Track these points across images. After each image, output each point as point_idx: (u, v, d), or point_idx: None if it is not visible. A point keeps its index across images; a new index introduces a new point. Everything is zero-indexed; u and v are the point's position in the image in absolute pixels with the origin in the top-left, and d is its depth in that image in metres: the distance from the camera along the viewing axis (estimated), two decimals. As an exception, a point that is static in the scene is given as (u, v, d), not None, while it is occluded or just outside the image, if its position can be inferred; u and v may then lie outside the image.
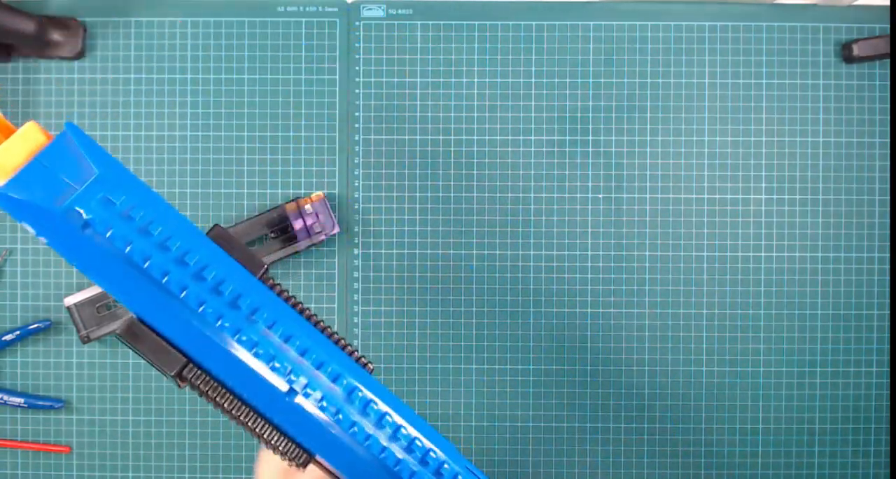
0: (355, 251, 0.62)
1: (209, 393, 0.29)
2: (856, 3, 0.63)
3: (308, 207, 0.60)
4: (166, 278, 0.27)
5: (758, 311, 0.62)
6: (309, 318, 0.31)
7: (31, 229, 0.27)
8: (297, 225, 0.60)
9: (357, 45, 0.63)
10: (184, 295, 0.27)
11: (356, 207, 0.62)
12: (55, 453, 0.61)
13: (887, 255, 0.62)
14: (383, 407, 0.30)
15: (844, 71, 0.63)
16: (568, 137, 0.63)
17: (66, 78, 0.62)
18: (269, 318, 0.29)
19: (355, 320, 0.62)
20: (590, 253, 0.62)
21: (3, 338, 0.60)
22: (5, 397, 0.60)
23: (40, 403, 0.61)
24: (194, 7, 0.63)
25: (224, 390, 0.29)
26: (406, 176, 0.63)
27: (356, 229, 0.62)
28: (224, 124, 0.63)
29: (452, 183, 0.63)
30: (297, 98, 0.63)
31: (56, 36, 0.61)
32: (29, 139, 0.25)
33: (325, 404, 0.29)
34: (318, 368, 0.29)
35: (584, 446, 0.62)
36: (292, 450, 0.30)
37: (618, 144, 0.63)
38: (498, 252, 0.62)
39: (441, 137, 0.63)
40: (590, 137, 0.63)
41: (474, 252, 0.62)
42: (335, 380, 0.29)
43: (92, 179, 0.26)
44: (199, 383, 0.29)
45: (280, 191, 0.62)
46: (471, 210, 0.62)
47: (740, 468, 0.62)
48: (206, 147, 0.62)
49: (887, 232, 0.62)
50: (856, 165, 0.63)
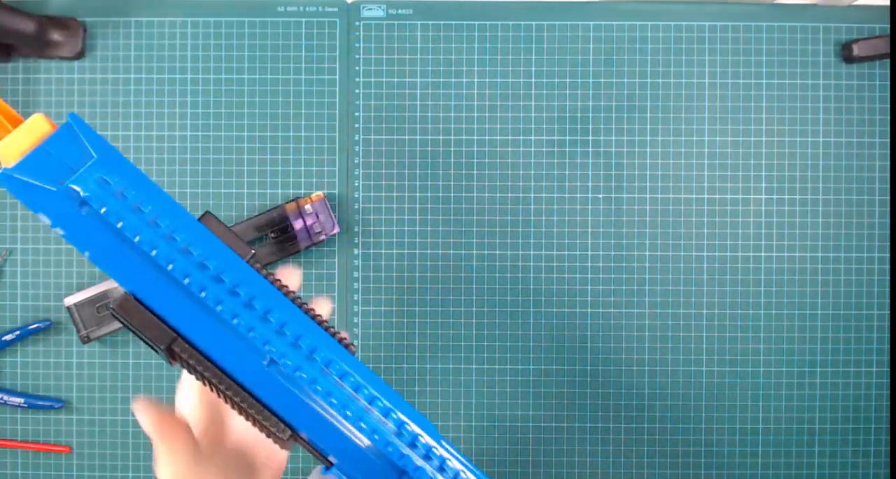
0: (355, 251, 0.62)
1: (196, 368, 0.31)
2: (856, 3, 0.63)
3: (308, 207, 0.60)
4: (155, 252, 0.29)
5: (758, 311, 0.62)
6: (293, 300, 0.32)
7: (38, 215, 0.29)
8: (297, 225, 0.60)
9: (357, 45, 0.63)
10: (171, 268, 0.29)
11: (356, 207, 0.62)
12: (55, 453, 0.61)
13: (887, 255, 0.62)
14: (359, 379, 0.32)
15: (844, 71, 0.63)
16: (568, 137, 0.63)
17: (66, 78, 0.62)
18: (250, 293, 0.30)
19: (355, 321, 0.62)
20: (590, 253, 0.62)
21: (3, 338, 0.60)
22: (5, 398, 0.60)
23: (40, 403, 0.61)
24: (194, 7, 0.63)
25: (210, 365, 0.31)
26: (406, 176, 0.63)
27: (356, 229, 0.62)
28: (224, 124, 0.63)
29: (452, 183, 0.63)
30: (297, 98, 0.63)
31: (56, 36, 0.61)
32: (36, 129, 0.27)
33: (302, 374, 0.31)
34: (296, 340, 0.31)
35: (584, 446, 0.62)
36: (275, 425, 0.31)
37: (618, 144, 0.63)
38: (498, 252, 0.62)
39: (441, 137, 0.63)
40: (590, 137, 0.63)
41: (474, 252, 0.62)
42: (312, 352, 0.31)
43: (90, 163, 0.28)
44: (186, 357, 0.30)
45: (280, 191, 0.62)
46: (471, 210, 0.62)
47: (740, 468, 0.62)
48: (206, 147, 0.62)
49: (887, 232, 0.62)
50: (856, 165, 0.63)
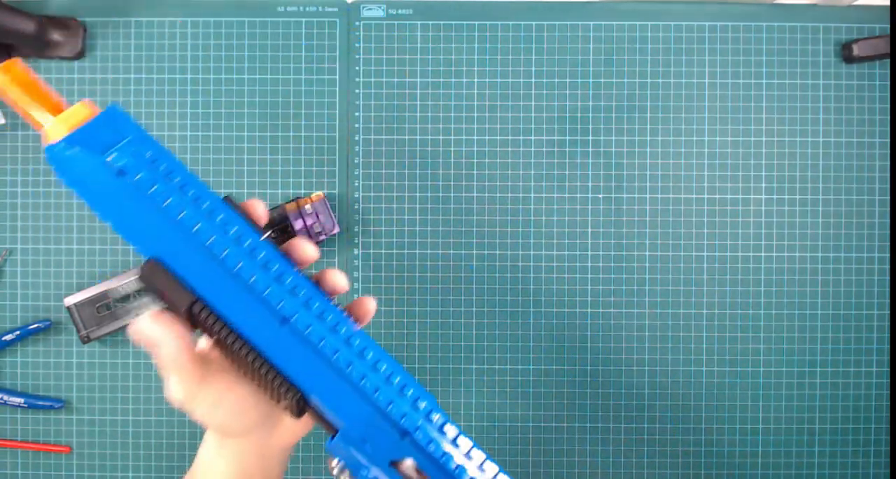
0: (355, 251, 0.62)
1: (214, 329, 0.33)
2: (856, 3, 0.63)
3: (308, 207, 0.60)
4: (184, 214, 0.31)
5: (758, 311, 0.62)
6: (304, 274, 0.35)
7: (72, 189, 0.32)
8: (297, 225, 0.60)
9: (357, 45, 0.63)
10: (196, 228, 0.32)
11: (356, 207, 0.62)
12: (55, 453, 0.61)
13: (887, 255, 0.62)
14: (365, 343, 0.34)
15: (844, 71, 0.63)
16: (568, 137, 0.63)
17: (66, 78, 0.62)
18: (266, 257, 0.33)
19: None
20: (590, 253, 0.62)
21: (3, 338, 0.60)
22: (5, 398, 0.60)
23: (40, 403, 0.61)
24: (194, 7, 0.63)
25: (225, 326, 0.33)
26: (406, 176, 0.63)
27: (356, 229, 0.62)
28: (224, 124, 0.63)
29: (452, 183, 0.63)
30: (297, 98, 0.63)
31: (56, 36, 0.61)
32: (81, 112, 0.31)
33: (312, 331, 0.33)
34: (307, 301, 0.33)
35: (584, 446, 0.62)
36: (285, 386, 0.33)
37: (618, 144, 0.63)
38: (498, 252, 0.62)
39: (441, 137, 0.63)
40: (590, 137, 0.63)
41: (474, 252, 0.62)
42: (322, 313, 0.33)
43: (127, 140, 0.31)
44: (205, 317, 0.32)
45: (280, 191, 0.62)
46: (471, 210, 0.62)
47: (740, 468, 0.62)
48: (206, 147, 0.62)
49: (887, 232, 0.62)
50: (856, 165, 0.63)
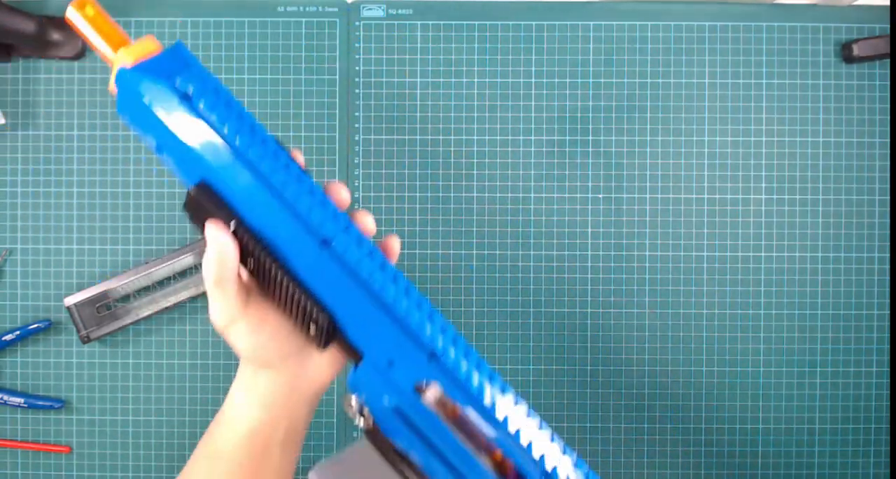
0: (355, 251, 0.62)
1: (254, 251, 0.34)
2: (856, 3, 0.63)
3: (308, 206, 0.60)
4: (238, 140, 0.33)
5: (758, 311, 0.62)
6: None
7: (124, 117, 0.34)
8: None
9: (357, 45, 0.63)
10: (249, 152, 0.33)
11: (356, 206, 0.62)
12: (55, 453, 0.61)
13: (887, 255, 0.62)
14: (395, 272, 0.36)
15: (844, 71, 0.63)
16: (568, 137, 0.63)
17: (66, 78, 0.62)
18: (310, 184, 0.34)
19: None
20: (590, 253, 0.62)
21: (3, 338, 0.60)
22: (5, 398, 0.60)
23: (40, 403, 0.61)
24: (194, 7, 0.63)
25: (266, 250, 0.34)
26: (406, 176, 0.63)
27: (356, 229, 0.62)
28: (224, 124, 0.62)
29: (452, 183, 0.63)
30: (297, 98, 0.63)
31: (56, 36, 0.61)
32: (149, 45, 0.35)
33: (350, 254, 0.34)
34: (347, 227, 0.35)
35: (584, 446, 0.62)
36: (318, 311, 0.35)
37: (618, 144, 0.63)
38: (498, 252, 0.62)
39: (441, 137, 0.63)
40: (590, 137, 0.63)
41: (474, 252, 0.62)
42: (360, 239, 0.35)
43: (191, 71, 0.34)
44: (248, 240, 0.34)
45: (280, 191, 0.62)
46: (471, 210, 0.62)
47: (740, 468, 0.62)
48: (206, 147, 0.62)
49: (887, 232, 0.62)
50: (856, 165, 0.63)
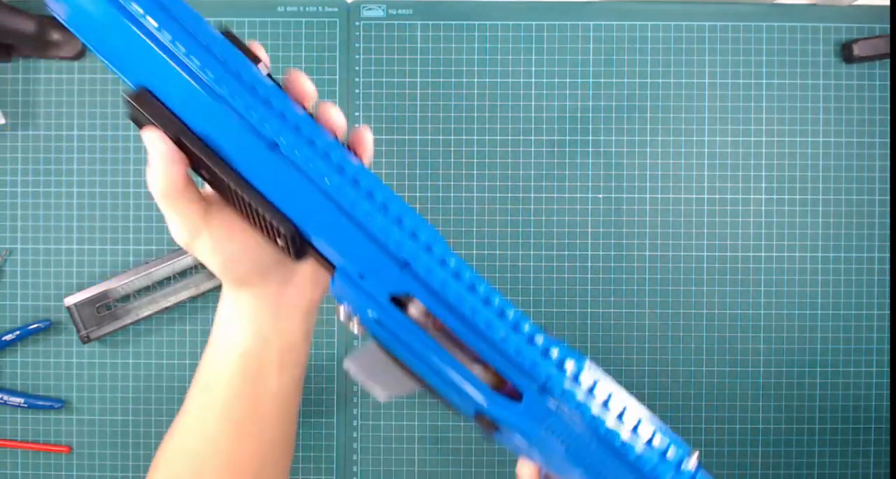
0: (355, 251, 0.62)
1: (203, 160, 0.32)
2: (856, 3, 0.63)
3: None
4: (183, 49, 0.31)
5: (758, 311, 0.62)
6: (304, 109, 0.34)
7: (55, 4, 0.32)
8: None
9: (357, 45, 0.63)
10: (194, 63, 0.31)
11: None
12: (55, 453, 0.61)
13: (887, 255, 0.62)
14: (357, 172, 0.32)
15: (844, 71, 0.63)
16: (568, 137, 0.63)
17: (66, 78, 0.62)
18: (253, 80, 0.32)
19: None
20: (590, 253, 0.62)
21: (3, 338, 0.60)
22: (5, 398, 0.60)
23: (40, 403, 0.61)
24: (197, 7, 0.63)
25: (216, 158, 0.32)
26: (406, 176, 0.63)
27: (356, 229, 0.62)
28: (224, 124, 0.62)
29: (452, 183, 0.63)
30: (297, 98, 0.63)
31: (56, 36, 0.61)
32: None
33: (299, 155, 0.32)
34: (297, 126, 0.32)
35: (584, 446, 0.62)
36: (280, 221, 0.32)
37: (618, 144, 0.63)
38: (498, 252, 0.62)
39: (441, 137, 0.63)
40: (590, 137, 0.63)
41: (474, 252, 0.62)
42: (312, 139, 0.32)
43: None
44: (194, 147, 0.32)
45: (280, 191, 0.62)
46: (471, 210, 0.62)
47: (740, 468, 0.62)
48: (206, 147, 0.62)
49: (887, 232, 0.62)
50: (856, 165, 0.63)
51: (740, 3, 0.63)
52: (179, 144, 0.32)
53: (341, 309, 0.35)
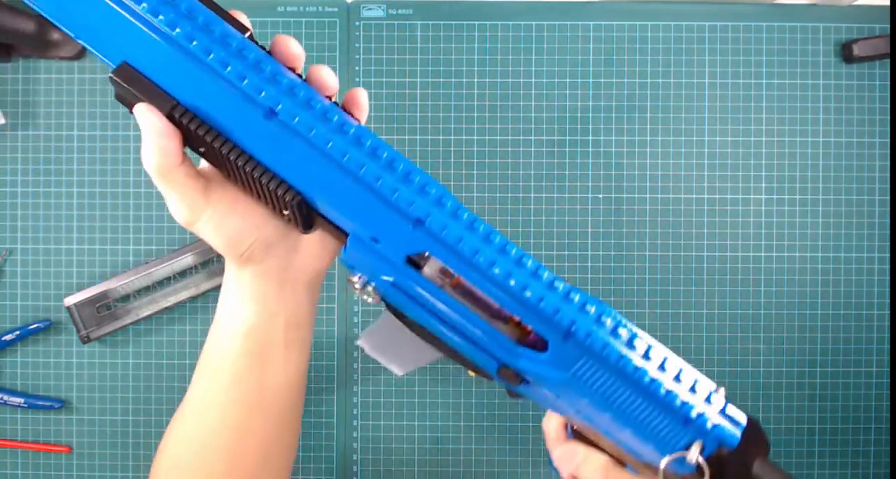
0: (355, 251, 0.62)
1: (199, 134, 0.31)
2: (856, 3, 0.63)
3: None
4: (160, 17, 0.30)
5: (758, 311, 0.62)
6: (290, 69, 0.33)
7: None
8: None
9: (357, 45, 0.63)
10: (177, 32, 0.30)
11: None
12: (55, 453, 0.61)
13: (887, 255, 0.62)
14: (359, 131, 0.31)
15: (844, 71, 0.63)
16: (568, 137, 0.63)
17: (66, 78, 0.62)
18: (240, 46, 0.31)
19: (355, 320, 0.62)
20: (590, 253, 0.62)
21: (3, 338, 0.60)
22: (5, 398, 0.60)
23: (40, 403, 0.61)
24: (194, 7, 0.63)
25: (212, 132, 0.31)
26: (406, 176, 0.63)
27: (356, 229, 0.62)
28: (224, 124, 0.62)
29: (452, 183, 0.63)
30: (297, 98, 0.63)
31: (56, 36, 0.61)
32: None
33: (300, 121, 0.30)
34: (291, 89, 0.31)
35: (584, 446, 0.62)
36: (284, 191, 0.31)
37: (618, 144, 0.63)
38: (498, 252, 0.62)
39: (441, 137, 0.63)
40: (590, 137, 0.63)
41: (474, 252, 0.62)
42: (308, 102, 0.31)
43: None
44: (187, 121, 0.31)
45: (280, 191, 0.62)
46: (471, 210, 0.62)
47: (740, 468, 0.62)
48: (206, 147, 0.62)
49: (887, 232, 0.62)
50: (856, 165, 0.63)
51: (740, 3, 0.63)
52: (172, 119, 0.31)
53: (355, 279, 0.34)
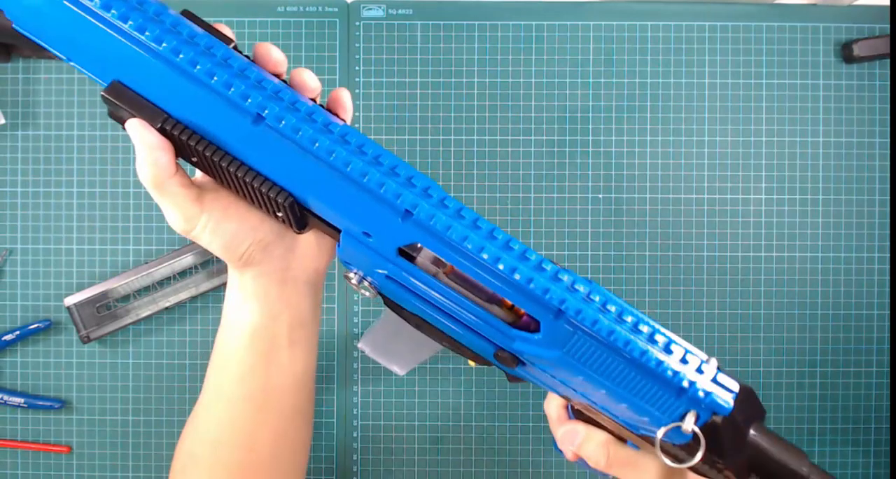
0: (355, 251, 0.62)
1: (190, 143, 0.32)
2: (856, 3, 0.63)
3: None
4: (147, 34, 0.31)
5: (758, 311, 0.62)
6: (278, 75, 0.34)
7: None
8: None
9: (357, 45, 0.63)
10: (163, 47, 0.31)
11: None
12: (55, 453, 0.61)
13: (887, 255, 0.62)
14: (343, 130, 0.32)
15: (844, 71, 0.63)
16: (568, 137, 0.63)
17: (65, 78, 0.62)
18: (225, 55, 0.32)
19: (355, 320, 0.62)
20: (590, 253, 0.62)
21: (3, 338, 0.60)
22: (5, 398, 0.60)
23: (40, 403, 0.61)
24: (194, 7, 0.62)
25: (203, 141, 0.32)
26: (406, 176, 0.63)
27: (356, 229, 0.62)
28: (224, 124, 0.62)
29: (452, 183, 0.63)
30: (297, 98, 0.63)
31: (56, 36, 0.61)
32: None
33: (286, 124, 0.31)
34: (276, 93, 0.32)
35: (584, 446, 0.62)
36: (276, 193, 0.32)
37: (618, 144, 0.63)
38: (498, 252, 0.62)
39: (441, 137, 0.63)
40: (590, 137, 0.63)
41: (474, 252, 0.62)
42: (294, 103, 0.32)
43: None
44: (178, 133, 0.32)
45: (280, 191, 0.62)
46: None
47: (740, 468, 0.62)
48: (206, 147, 0.62)
49: (887, 232, 0.62)
50: (856, 165, 0.63)
51: (740, 3, 0.63)
52: (164, 132, 0.32)
53: (351, 275, 0.35)
